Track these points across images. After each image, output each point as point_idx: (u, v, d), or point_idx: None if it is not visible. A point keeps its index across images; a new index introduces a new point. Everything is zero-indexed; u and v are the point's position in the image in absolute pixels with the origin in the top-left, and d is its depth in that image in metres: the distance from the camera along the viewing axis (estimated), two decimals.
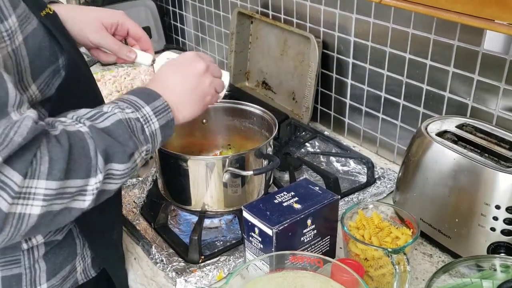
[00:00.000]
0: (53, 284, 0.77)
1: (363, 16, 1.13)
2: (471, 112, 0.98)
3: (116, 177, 0.64)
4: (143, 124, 0.67)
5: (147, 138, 0.68)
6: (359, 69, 1.19)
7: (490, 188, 0.80)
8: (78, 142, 0.59)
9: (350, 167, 1.17)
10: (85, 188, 0.60)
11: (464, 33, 0.94)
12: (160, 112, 0.70)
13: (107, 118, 0.64)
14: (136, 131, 0.66)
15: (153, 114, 0.69)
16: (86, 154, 0.59)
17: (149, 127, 0.68)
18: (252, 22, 1.47)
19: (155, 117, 0.69)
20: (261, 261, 0.72)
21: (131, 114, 0.66)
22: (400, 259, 0.74)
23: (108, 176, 0.63)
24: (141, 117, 0.67)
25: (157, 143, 0.70)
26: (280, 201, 0.79)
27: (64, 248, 0.77)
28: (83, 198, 0.60)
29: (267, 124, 1.03)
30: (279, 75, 1.42)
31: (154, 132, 0.69)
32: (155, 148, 0.71)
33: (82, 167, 0.59)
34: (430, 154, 0.88)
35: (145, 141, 0.67)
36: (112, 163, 0.62)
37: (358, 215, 0.85)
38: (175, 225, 1.00)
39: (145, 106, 0.69)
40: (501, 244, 0.80)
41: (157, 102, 0.70)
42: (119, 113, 0.65)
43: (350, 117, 1.26)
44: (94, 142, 0.60)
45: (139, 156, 0.67)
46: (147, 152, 0.69)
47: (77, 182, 0.59)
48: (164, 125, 0.71)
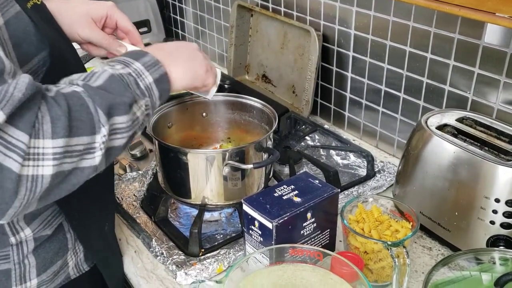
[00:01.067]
0: (43, 279, 0.76)
1: (364, 9, 1.12)
2: (471, 106, 0.98)
3: (121, 130, 0.64)
4: (136, 78, 0.67)
5: (144, 92, 0.67)
6: (359, 62, 1.18)
7: (489, 181, 0.80)
8: (76, 101, 0.59)
9: (350, 160, 1.17)
10: (93, 146, 0.60)
11: (464, 26, 0.94)
12: (151, 66, 0.69)
13: (99, 77, 0.64)
14: (130, 84, 0.66)
15: (144, 68, 0.68)
16: (86, 110, 0.59)
17: (143, 80, 0.67)
18: (252, 15, 1.47)
19: (147, 71, 0.69)
20: (261, 254, 0.72)
21: (122, 70, 0.66)
22: (399, 252, 0.74)
23: (113, 131, 0.63)
24: (132, 72, 0.67)
25: (155, 98, 0.70)
26: (280, 195, 0.80)
27: (55, 243, 0.77)
28: (92, 155, 0.60)
29: (267, 118, 1.03)
30: (279, 69, 1.42)
31: (149, 86, 0.68)
32: (155, 104, 0.70)
33: (86, 123, 0.59)
34: (430, 148, 0.88)
35: (142, 94, 0.67)
36: (114, 117, 0.62)
37: (358, 209, 0.85)
38: (175, 219, 1.00)
39: (134, 62, 0.68)
40: (500, 237, 0.81)
41: (146, 58, 0.70)
42: (110, 69, 0.65)
43: (350, 110, 1.26)
44: (91, 99, 0.60)
45: (139, 110, 0.66)
46: (147, 107, 0.68)
47: (83, 139, 0.59)
48: (158, 79, 0.70)
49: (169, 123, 1.05)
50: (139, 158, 1.18)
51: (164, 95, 0.72)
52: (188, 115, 1.08)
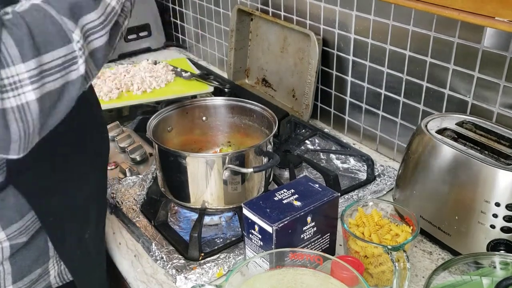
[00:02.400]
0: (19, 287, 0.74)
1: (363, 13, 1.13)
2: (471, 110, 0.98)
3: (96, 28, 0.59)
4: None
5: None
6: (359, 66, 1.19)
7: (490, 185, 0.80)
8: (36, 15, 0.55)
9: (350, 164, 1.17)
10: (72, 55, 0.57)
11: (464, 30, 0.94)
12: None
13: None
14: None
15: None
16: (51, 21, 0.55)
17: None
18: (252, 19, 1.47)
19: None
20: (261, 258, 0.72)
21: None
22: (400, 257, 0.74)
23: (88, 32, 0.59)
24: None
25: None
26: (280, 199, 0.79)
27: (33, 251, 0.74)
28: (76, 66, 0.57)
29: (267, 121, 1.03)
30: (279, 72, 1.42)
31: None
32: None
33: (53, 35, 0.55)
34: (430, 152, 0.88)
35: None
36: (82, 16, 0.58)
37: (358, 213, 0.85)
38: (175, 223, 1.00)
39: None
40: (500, 241, 0.80)
41: None
42: None
43: (350, 114, 1.26)
44: (52, 6, 0.56)
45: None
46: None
47: (58, 53, 0.55)
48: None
49: (169, 127, 1.05)
50: (139, 162, 1.18)
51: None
52: (188, 119, 1.08)
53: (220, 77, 1.58)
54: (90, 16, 0.58)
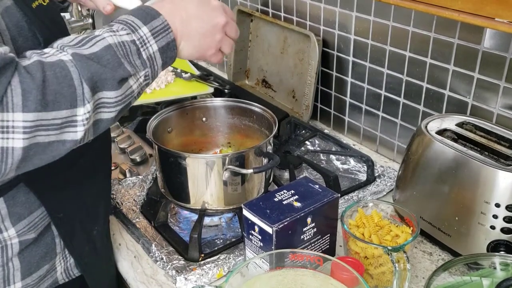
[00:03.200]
0: (28, 283, 0.75)
1: (363, 14, 1.13)
2: (471, 110, 0.98)
3: (109, 105, 0.61)
4: (139, 47, 0.63)
5: (145, 62, 0.64)
6: (359, 67, 1.19)
7: (490, 186, 0.80)
8: (58, 72, 0.57)
9: (350, 165, 1.17)
10: (74, 119, 0.58)
11: (464, 31, 0.94)
12: (159, 33, 0.65)
13: (95, 44, 0.61)
14: (130, 55, 0.62)
15: (151, 35, 0.65)
16: (68, 83, 0.57)
17: (146, 50, 0.64)
18: (252, 20, 1.47)
19: (153, 39, 0.65)
20: (261, 259, 0.72)
21: (126, 37, 0.63)
22: (400, 257, 0.74)
23: (100, 105, 0.60)
24: (137, 39, 0.63)
25: (157, 67, 0.66)
26: (280, 199, 0.79)
27: (41, 247, 0.75)
28: (74, 129, 0.58)
29: (267, 122, 1.03)
30: (279, 73, 1.42)
31: (152, 56, 0.65)
32: (156, 73, 0.67)
33: (65, 96, 0.57)
34: (430, 152, 0.88)
35: (143, 65, 0.64)
36: (102, 91, 0.60)
37: (358, 213, 0.85)
38: (175, 223, 1.00)
39: (142, 26, 0.64)
40: (501, 242, 0.80)
41: (155, 22, 0.65)
42: (110, 37, 0.62)
43: (350, 115, 1.26)
44: (77, 70, 0.58)
45: (136, 82, 0.64)
46: (146, 77, 0.65)
47: (61, 113, 0.57)
48: (164, 47, 0.66)
49: (169, 128, 1.05)
50: (139, 163, 1.18)
51: (169, 62, 0.68)
52: (188, 120, 1.08)
53: (220, 78, 1.58)
54: (109, 94, 0.61)
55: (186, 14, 0.70)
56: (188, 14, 0.71)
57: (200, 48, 0.74)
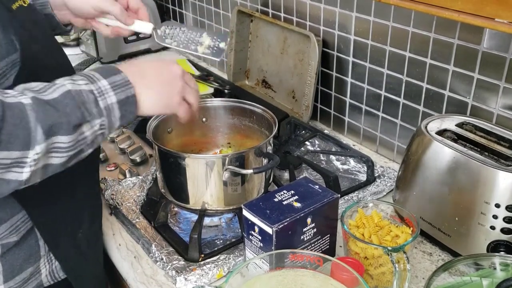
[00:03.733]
0: (10, 286, 0.75)
1: (363, 15, 1.13)
2: (471, 111, 0.98)
3: (61, 150, 0.62)
4: (97, 96, 0.65)
5: (101, 112, 0.65)
6: (359, 67, 1.19)
7: (490, 186, 0.80)
8: (16, 113, 0.58)
9: (350, 165, 1.17)
10: (22, 161, 0.59)
11: (464, 31, 0.94)
12: (119, 87, 0.67)
13: (55, 90, 0.62)
14: (87, 103, 0.64)
15: (110, 87, 0.66)
16: (24, 125, 0.58)
17: (104, 100, 0.65)
18: (252, 21, 1.47)
19: (112, 91, 0.66)
20: (261, 259, 0.72)
21: (84, 86, 0.64)
22: (400, 258, 0.74)
23: (52, 149, 0.61)
24: (95, 89, 0.65)
25: (115, 118, 0.67)
26: (280, 200, 0.79)
27: (24, 250, 0.75)
28: (20, 170, 0.59)
29: (267, 123, 1.03)
30: (279, 74, 1.42)
31: (110, 106, 0.66)
32: (114, 125, 0.68)
33: (19, 138, 0.58)
34: (430, 153, 0.88)
35: (99, 114, 0.65)
36: (56, 136, 0.61)
37: (358, 214, 0.85)
38: (175, 224, 1.00)
39: (101, 79, 0.66)
40: (500, 242, 0.80)
41: (116, 77, 0.68)
42: (70, 84, 0.63)
43: (350, 115, 1.26)
44: (35, 114, 0.59)
45: (90, 129, 0.65)
46: (102, 126, 0.66)
47: (12, 154, 0.58)
48: (123, 100, 0.67)
49: (169, 128, 1.05)
50: (138, 163, 1.18)
51: (128, 116, 0.69)
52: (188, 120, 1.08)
53: (220, 79, 1.58)
54: (62, 138, 0.62)
55: (141, 69, 0.73)
56: (144, 67, 0.74)
57: (163, 96, 0.75)
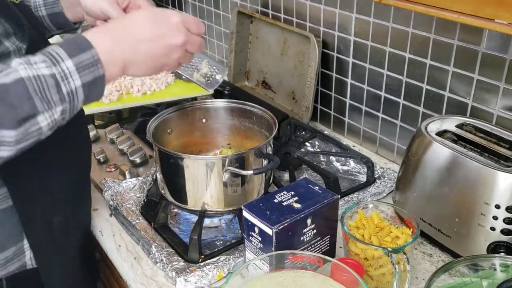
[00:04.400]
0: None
1: (363, 16, 1.13)
2: (471, 112, 0.98)
3: (8, 143, 0.58)
4: (59, 81, 0.60)
5: (63, 98, 0.60)
6: (359, 68, 1.19)
7: (490, 187, 0.80)
8: None
9: (350, 166, 1.17)
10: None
11: (463, 32, 0.94)
12: (86, 67, 0.62)
13: (8, 74, 0.57)
14: (46, 90, 0.59)
15: (75, 69, 0.61)
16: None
17: (68, 84, 0.60)
18: (252, 22, 1.47)
19: (77, 73, 0.61)
20: (261, 260, 0.72)
21: (44, 70, 0.59)
22: (400, 259, 0.74)
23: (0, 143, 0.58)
24: (57, 73, 0.60)
25: (77, 102, 0.63)
26: (280, 201, 0.79)
27: (6, 228, 0.74)
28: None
29: (267, 124, 1.03)
30: (279, 75, 1.42)
31: (74, 91, 0.61)
32: (75, 108, 0.63)
33: None
34: (430, 154, 0.88)
35: (60, 100, 0.60)
36: (1, 129, 0.57)
37: (358, 215, 0.85)
38: (175, 225, 1.00)
39: (66, 59, 0.60)
40: (501, 243, 0.80)
41: (84, 55, 0.62)
42: (25, 69, 0.58)
43: (350, 116, 1.26)
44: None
45: (48, 118, 0.60)
46: (63, 112, 0.62)
47: None
48: (90, 82, 0.62)
49: (169, 129, 1.05)
50: (138, 164, 1.18)
51: (93, 98, 0.65)
52: (188, 121, 1.08)
53: None
54: (8, 132, 0.58)
55: (134, 40, 0.68)
56: (137, 39, 0.68)
57: (152, 70, 0.72)
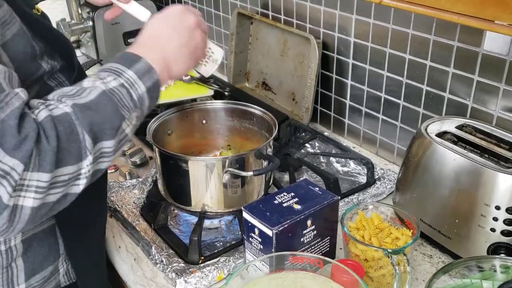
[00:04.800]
0: (31, 284, 0.74)
1: (363, 17, 1.13)
2: (471, 113, 0.98)
3: (108, 154, 0.62)
4: (129, 88, 0.64)
5: (136, 103, 0.64)
6: (359, 69, 1.19)
7: (490, 188, 0.80)
8: (67, 128, 0.57)
9: (350, 167, 1.17)
10: (78, 173, 0.58)
11: (464, 33, 0.94)
12: (144, 74, 0.66)
13: (91, 92, 0.61)
14: (123, 99, 0.63)
15: (137, 77, 0.65)
16: (75, 138, 0.57)
17: (136, 91, 0.65)
18: (252, 23, 1.47)
19: (140, 80, 0.65)
20: (261, 261, 0.72)
21: (113, 82, 0.63)
22: (400, 260, 0.74)
23: (100, 155, 0.61)
24: (125, 82, 0.64)
25: (145, 107, 0.67)
26: (280, 202, 0.79)
27: (45, 247, 0.75)
28: (78, 182, 0.59)
29: (267, 125, 1.03)
30: (279, 76, 1.42)
31: (142, 96, 0.66)
32: (144, 114, 0.68)
33: (73, 153, 0.57)
34: (430, 155, 0.88)
35: (135, 106, 0.64)
36: (101, 142, 0.60)
37: (358, 216, 0.85)
38: (175, 226, 1.00)
39: (126, 70, 0.65)
40: (501, 244, 0.80)
41: (139, 64, 0.66)
42: (102, 84, 0.62)
43: (350, 117, 1.26)
44: (80, 122, 0.58)
45: (129, 125, 0.64)
46: (138, 118, 0.66)
47: (69, 169, 0.57)
48: (151, 87, 0.67)
49: (169, 130, 1.05)
50: (139, 165, 1.18)
51: (154, 102, 0.69)
52: (188, 123, 1.08)
53: (220, 81, 1.58)
54: (107, 143, 0.61)
55: (163, 41, 0.73)
56: (165, 39, 0.73)
57: (189, 58, 0.76)
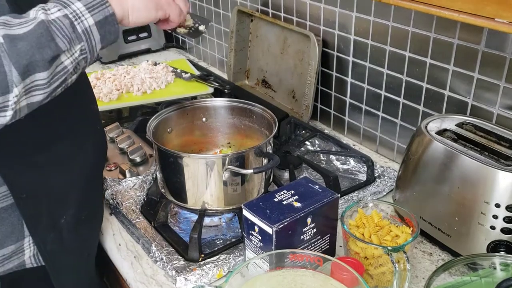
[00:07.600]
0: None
1: (363, 15, 1.13)
2: (471, 111, 0.98)
3: (42, 86, 0.61)
4: (73, 20, 0.62)
5: (80, 36, 0.63)
6: (359, 67, 1.19)
7: (490, 186, 0.80)
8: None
9: (350, 165, 1.17)
10: (4, 105, 0.58)
11: (464, 31, 0.94)
12: (94, 7, 0.64)
13: (29, 24, 0.59)
14: (63, 29, 0.61)
15: (86, 9, 0.63)
16: (0, 70, 0.56)
17: (81, 23, 0.63)
18: (252, 21, 1.47)
19: (88, 13, 0.64)
20: (261, 259, 0.72)
21: (58, 13, 0.62)
22: (400, 258, 0.74)
23: (32, 88, 0.60)
24: (69, 13, 0.62)
25: (95, 41, 0.65)
26: (280, 200, 0.79)
27: (6, 226, 0.74)
28: (4, 113, 0.58)
29: (267, 123, 1.03)
30: (279, 74, 1.42)
31: (88, 29, 0.63)
32: (94, 47, 0.66)
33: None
34: (430, 153, 0.88)
35: (78, 39, 0.63)
36: (34, 74, 0.59)
37: (358, 214, 0.85)
38: (175, 224, 1.00)
39: (75, 2, 0.63)
40: (501, 242, 0.80)
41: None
42: (44, 14, 0.61)
43: (350, 115, 1.26)
44: (7, 55, 0.57)
45: (70, 57, 0.63)
46: (83, 51, 0.64)
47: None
48: (102, 21, 0.65)
49: (169, 128, 1.05)
50: (138, 163, 1.18)
51: (109, 37, 0.67)
52: (188, 120, 1.08)
53: (220, 78, 1.58)
54: (40, 75, 0.60)
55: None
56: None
57: (151, 9, 0.72)
